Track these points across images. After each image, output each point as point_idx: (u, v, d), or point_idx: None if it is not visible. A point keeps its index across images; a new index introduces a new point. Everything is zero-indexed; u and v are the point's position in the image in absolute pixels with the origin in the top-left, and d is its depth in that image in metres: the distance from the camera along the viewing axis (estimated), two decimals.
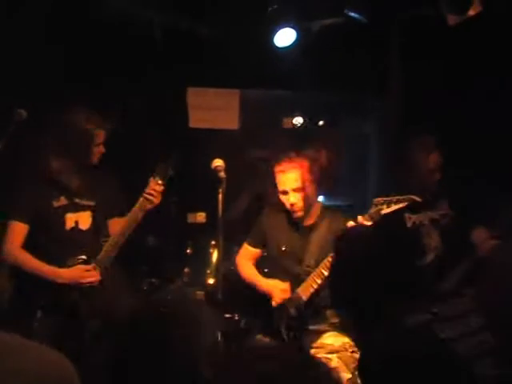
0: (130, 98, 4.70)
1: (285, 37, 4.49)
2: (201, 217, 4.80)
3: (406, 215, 3.55)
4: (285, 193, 3.21)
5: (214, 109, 4.98)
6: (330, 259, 3.03)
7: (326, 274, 3.02)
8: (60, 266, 3.15)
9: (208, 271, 4.48)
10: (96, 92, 4.21)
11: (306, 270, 3.14)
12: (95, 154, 3.26)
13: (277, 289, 3.21)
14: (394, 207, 2.86)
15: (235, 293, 3.66)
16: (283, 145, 4.84)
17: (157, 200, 3.20)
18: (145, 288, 4.28)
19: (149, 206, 3.21)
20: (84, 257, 3.19)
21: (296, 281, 3.17)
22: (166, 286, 4.38)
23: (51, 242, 3.21)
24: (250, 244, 3.48)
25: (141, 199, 3.22)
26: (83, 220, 3.27)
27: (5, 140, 2.95)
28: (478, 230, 3.32)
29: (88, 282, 3.17)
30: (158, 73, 4.69)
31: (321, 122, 5.09)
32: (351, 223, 2.89)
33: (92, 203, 3.32)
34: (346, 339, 3.19)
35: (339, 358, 3.05)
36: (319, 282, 3.05)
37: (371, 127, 5.43)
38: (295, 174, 3.18)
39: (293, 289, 3.19)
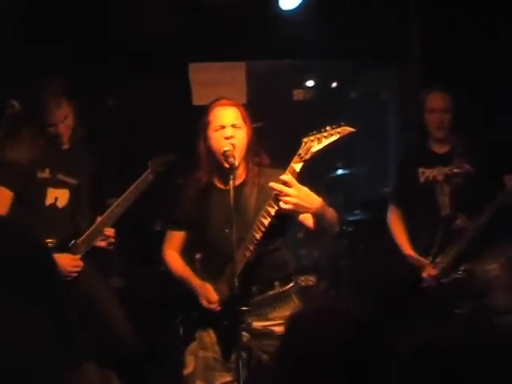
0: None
1: None
2: None
3: (420, 170, 3.34)
4: (221, 128, 2.63)
5: (218, 84, 4.57)
6: (261, 219, 2.43)
7: (258, 236, 2.46)
8: None
9: None
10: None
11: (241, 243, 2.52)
12: (62, 129, 3.00)
13: (208, 293, 2.66)
14: (325, 142, 2.30)
15: None
16: None
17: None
18: None
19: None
20: (51, 240, 2.86)
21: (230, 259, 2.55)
22: None
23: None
24: (173, 228, 2.88)
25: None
26: (62, 197, 3.04)
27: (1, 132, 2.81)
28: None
29: (72, 273, 2.90)
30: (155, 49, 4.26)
31: (334, 84, 4.80)
32: (286, 176, 2.29)
33: (74, 181, 3.09)
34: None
35: None
36: (252, 248, 2.50)
37: (388, 92, 5.12)
38: (236, 110, 2.67)
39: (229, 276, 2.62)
